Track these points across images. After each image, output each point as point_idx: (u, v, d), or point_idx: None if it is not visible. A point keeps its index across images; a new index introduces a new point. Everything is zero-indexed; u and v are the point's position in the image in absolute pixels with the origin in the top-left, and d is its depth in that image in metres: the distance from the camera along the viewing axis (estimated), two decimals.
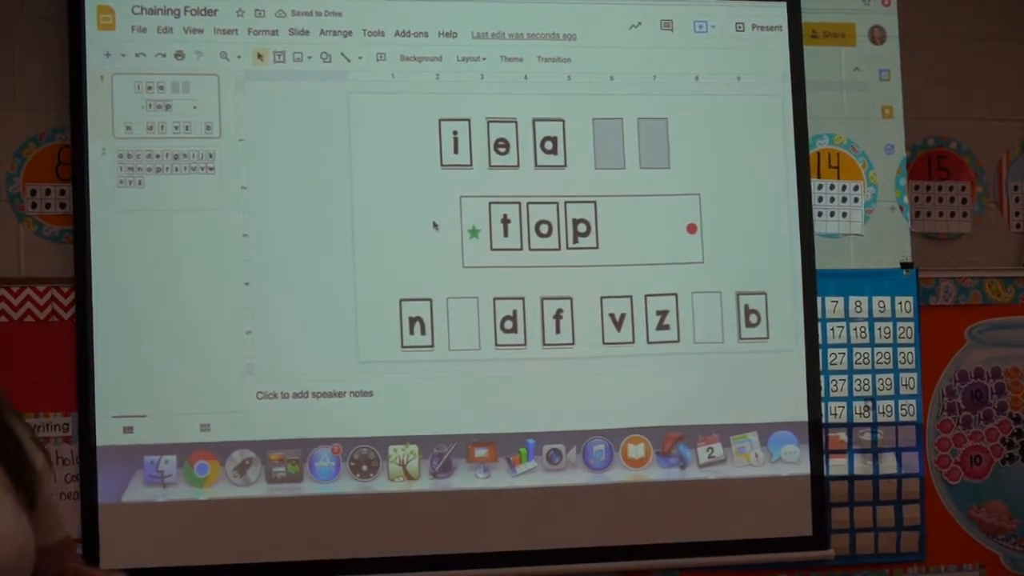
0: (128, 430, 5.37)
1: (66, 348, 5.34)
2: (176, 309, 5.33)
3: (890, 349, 5.86)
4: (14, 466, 2.69)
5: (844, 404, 5.81)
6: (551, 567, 5.59)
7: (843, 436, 5.79)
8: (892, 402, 5.84)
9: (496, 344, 5.52)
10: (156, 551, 5.39)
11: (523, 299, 5.52)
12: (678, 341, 5.61)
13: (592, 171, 5.62)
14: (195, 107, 5.39)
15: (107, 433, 5.28)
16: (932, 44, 6.16)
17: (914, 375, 5.88)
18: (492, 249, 5.52)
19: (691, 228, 5.65)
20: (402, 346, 5.43)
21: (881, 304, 5.86)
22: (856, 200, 5.91)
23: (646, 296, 5.60)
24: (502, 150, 5.56)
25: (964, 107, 6.19)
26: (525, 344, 5.52)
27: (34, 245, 5.38)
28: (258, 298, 5.40)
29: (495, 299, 5.52)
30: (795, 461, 5.68)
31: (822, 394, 5.77)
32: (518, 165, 5.56)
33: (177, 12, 5.38)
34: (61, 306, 5.35)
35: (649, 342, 5.59)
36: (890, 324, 5.87)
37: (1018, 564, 6.02)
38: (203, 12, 5.39)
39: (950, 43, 6.17)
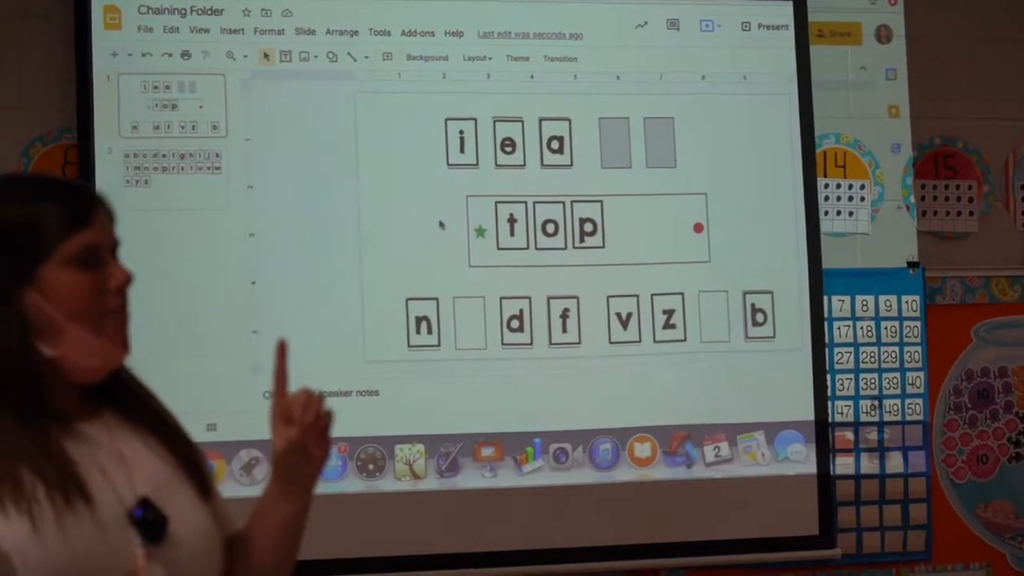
0: None
1: None
2: (182, 308, 5.34)
3: (896, 348, 5.88)
4: (188, 458, 2.72)
5: (851, 403, 5.83)
6: (558, 566, 5.62)
7: (849, 435, 5.81)
8: (899, 401, 5.86)
9: (502, 343, 5.53)
10: None
11: (529, 298, 5.54)
12: (684, 340, 5.61)
13: (598, 170, 5.63)
14: (201, 107, 5.41)
15: None
16: (938, 43, 6.18)
17: (920, 374, 5.90)
18: (498, 248, 5.54)
19: (698, 227, 5.66)
20: (408, 346, 5.45)
21: (887, 303, 5.88)
22: (862, 199, 5.93)
23: (652, 295, 5.61)
24: (508, 149, 5.56)
25: (970, 106, 6.22)
26: (531, 343, 5.53)
27: None
28: (264, 297, 5.42)
29: (501, 298, 5.53)
30: (801, 460, 5.69)
31: (828, 393, 5.76)
32: (524, 164, 5.58)
33: (183, 12, 5.40)
34: None
35: (655, 341, 5.60)
36: (896, 323, 5.89)
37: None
38: (209, 12, 5.42)
39: (956, 43, 6.19)
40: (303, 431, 2.70)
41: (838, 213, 5.85)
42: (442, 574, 5.58)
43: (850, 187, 5.91)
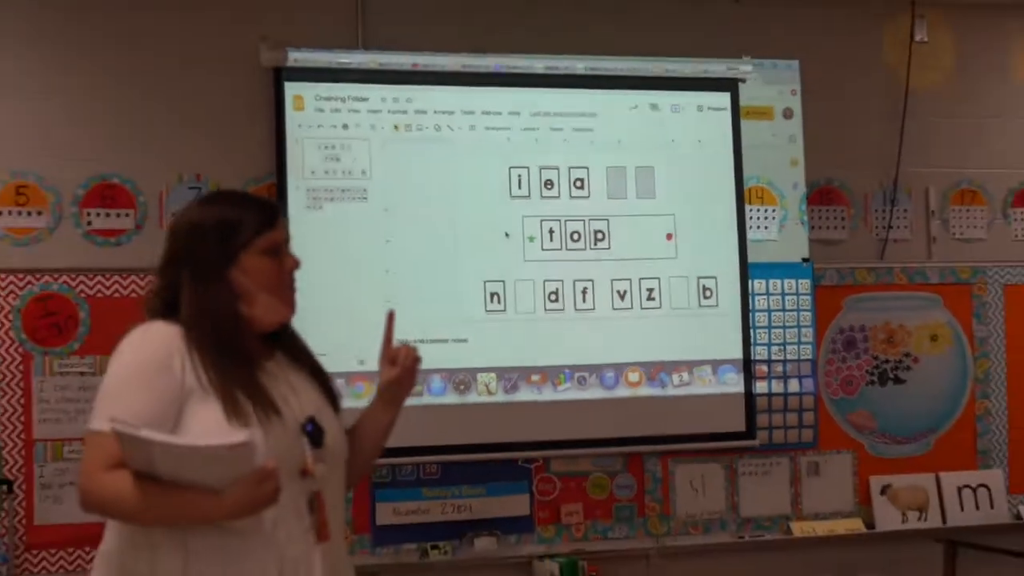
0: None
1: None
2: (343, 285, 5.44)
3: (795, 313, 6.01)
4: (326, 386, 2.81)
5: (765, 348, 5.97)
6: (578, 450, 5.82)
7: (764, 368, 5.96)
8: (796, 347, 6.00)
9: (545, 309, 5.71)
10: None
11: (562, 281, 5.73)
12: (660, 307, 5.82)
13: (606, 200, 5.81)
14: (355, 159, 5.57)
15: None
16: (822, 119, 6.12)
17: (810, 329, 6.01)
18: (543, 250, 5.74)
19: (668, 236, 5.85)
20: (485, 310, 5.65)
21: (789, 284, 6.02)
22: (773, 218, 6.05)
23: (640, 279, 5.81)
24: (549, 187, 5.76)
25: (842, 159, 6.25)
26: (563, 309, 5.74)
27: None
28: (394, 280, 5.54)
29: (544, 281, 5.71)
30: (734, 384, 5.88)
31: (751, 341, 5.94)
32: (559, 196, 5.77)
33: (343, 99, 5.57)
34: None
35: (642, 308, 5.82)
36: (795, 297, 6.01)
37: (876, 449, 6.16)
38: (360, 99, 5.58)
39: (833, 118, 6.15)
40: (401, 371, 2.87)
41: (758, 227, 5.99)
42: (505, 456, 5.74)
43: (766, 211, 6.02)
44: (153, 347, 2.53)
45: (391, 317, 2.90)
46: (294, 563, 2.51)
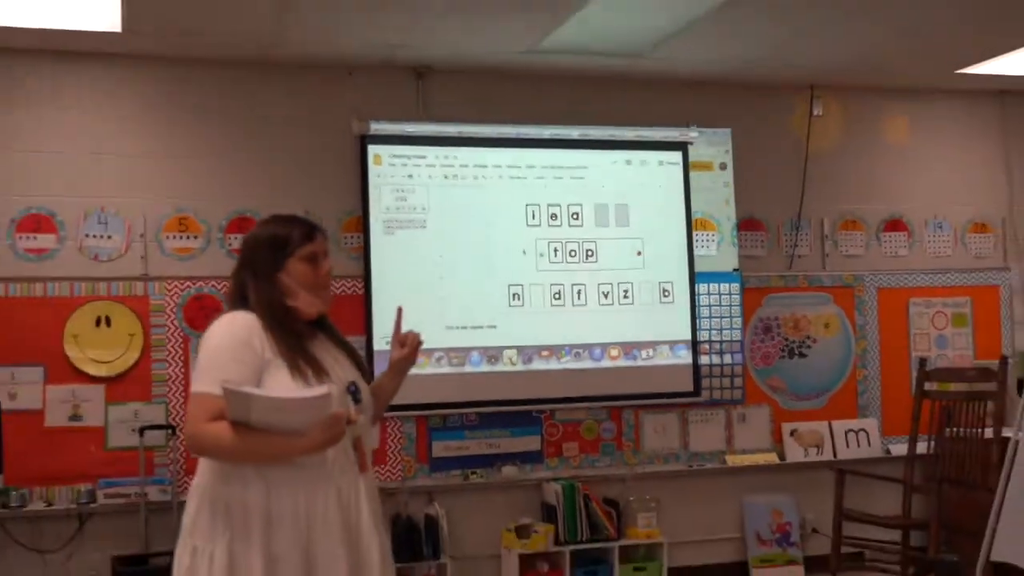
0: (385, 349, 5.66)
1: (360, 305, 5.47)
2: (410, 287, 5.42)
3: (728, 307, 6.04)
4: (357, 360, 2.68)
5: (707, 332, 5.99)
6: (574, 404, 5.83)
7: (707, 346, 5.99)
8: (729, 331, 6.03)
9: (551, 305, 5.74)
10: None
11: (563, 285, 5.75)
12: (632, 303, 5.85)
13: (594, 227, 5.84)
14: (417, 200, 5.60)
15: (380, 343, 5.32)
16: (747, 170, 6.12)
17: (739, 319, 6.05)
18: (549, 263, 5.76)
19: (638, 253, 5.88)
20: (509, 305, 5.68)
21: (724, 287, 6.04)
22: (713, 241, 6.05)
23: (618, 283, 5.84)
24: (554, 218, 5.79)
25: (762, 199, 6.22)
26: (564, 305, 5.75)
27: (347, 261, 5.49)
28: (445, 284, 5.58)
29: (550, 284, 5.74)
30: (685, 358, 5.93)
31: (697, 327, 5.96)
32: (561, 225, 5.80)
33: (408, 157, 5.59)
34: (357, 285, 5.52)
35: (619, 304, 5.84)
36: (728, 296, 6.04)
37: (786, 404, 6.19)
38: (420, 157, 5.61)
39: (755, 170, 6.16)
40: (408, 351, 2.73)
41: (702, 247, 6.01)
42: (523, 408, 5.74)
43: (708, 235, 6.03)
44: (239, 330, 2.47)
45: (399, 311, 2.80)
46: (346, 488, 2.47)
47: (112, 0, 4.49)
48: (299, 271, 2.55)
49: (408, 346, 2.72)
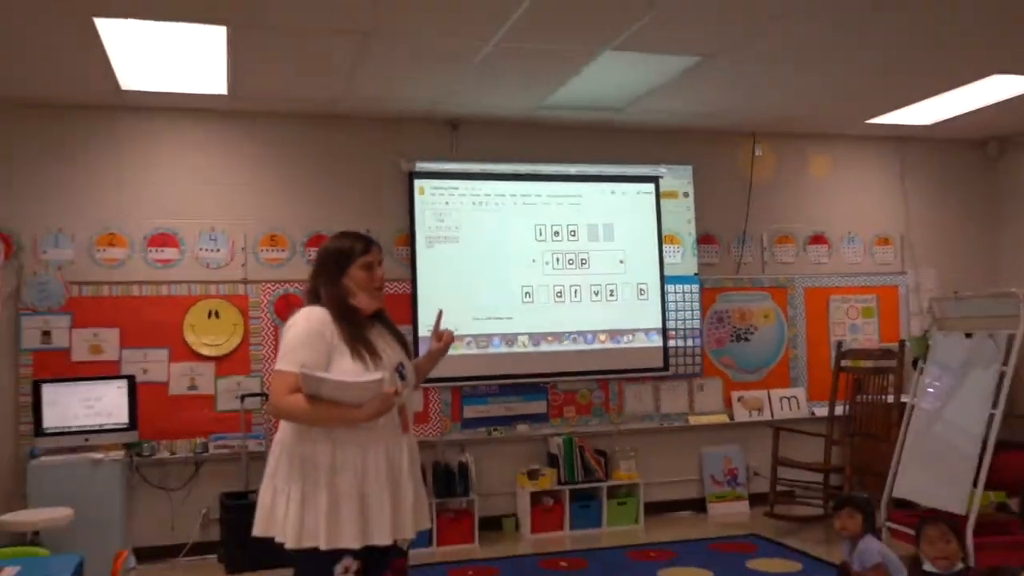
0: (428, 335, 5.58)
1: (408, 302, 5.42)
2: (446, 289, 5.40)
3: (690, 303, 5.99)
4: (404, 344, 2.63)
5: (674, 321, 5.93)
6: (572, 378, 5.75)
7: (673, 333, 5.91)
8: (690, 321, 5.99)
9: (554, 301, 5.69)
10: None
11: (564, 286, 5.71)
12: (617, 300, 5.78)
13: (587, 242, 5.78)
14: (452, 221, 5.56)
15: (423, 330, 5.27)
16: (705, 198, 6.10)
17: (699, 312, 6.00)
18: (553, 269, 5.71)
19: (621, 262, 5.83)
20: (522, 302, 5.62)
21: (687, 288, 5.99)
22: (679, 252, 6.02)
23: (606, 285, 5.79)
24: (556, 235, 5.74)
25: (708, 220, 6.16)
26: (564, 302, 5.70)
27: (393, 267, 5.31)
28: (473, 286, 5.53)
29: (553, 285, 5.69)
30: (657, 342, 5.85)
31: (666, 318, 5.87)
32: (562, 240, 5.74)
33: (445, 188, 5.54)
34: (406, 286, 5.45)
35: (607, 300, 5.78)
36: (690, 294, 5.99)
37: (735, 377, 6.13)
38: (454, 188, 5.57)
39: (711, 198, 6.13)
40: (443, 344, 2.65)
41: (670, 256, 5.95)
42: (533, 380, 5.66)
43: (674, 248, 5.99)
44: (313, 322, 2.43)
45: (440, 314, 2.73)
46: (392, 445, 2.45)
47: (220, 72, 4.60)
48: (358, 276, 2.50)
49: (443, 341, 2.67)
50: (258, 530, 2.44)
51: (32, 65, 4.36)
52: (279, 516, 2.39)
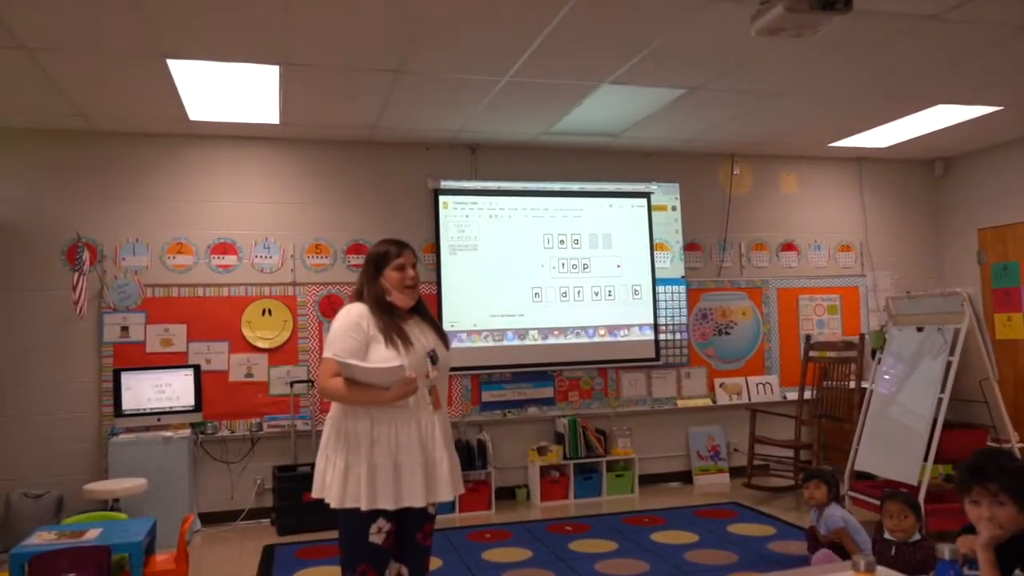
0: (451, 331, 5.36)
1: (435, 302, 5.33)
2: (466, 290, 5.41)
3: (677, 302, 5.94)
4: (441, 334, 2.56)
5: (664, 318, 5.90)
6: (576, 366, 5.69)
7: (664, 328, 5.88)
8: (678, 318, 5.95)
9: (560, 300, 5.64)
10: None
11: (568, 287, 5.66)
12: (615, 300, 5.74)
13: (589, 249, 5.74)
14: (472, 231, 5.53)
15: (447, 326, 5.24)
16: (690, 211, 6.01)
17: (685, 310, 5.96)
18: (559, 272, 5.67)
19: (619, 266, 5.80)
20: (532, 301, 5.58)
21: (675, 289, 5.95)
22: (668, 258, 5.97)
23: (605, 286, 5.74)
24: (562, 243, 5.70)
25: (700, 229, 6.11)
26: (569, 301, 5.65)
27: (425, 273, 5.18)
28: (490, 288, 5.49)
29: (559, 286, 5.64)
30: (650, 335, 5.81)
31: (657, 315, 5.82)
32: (567, 247, 5.70)
33: (465, 203, 5.51)
34: (432, 288, 5.36)
35: (606, 300, 5.73)
36: (678, 295, 5.95)
37: (717, 366, 6.08)
38: (473, 203, 5.53)
39: (696, 210, 6.03)
40: (409, 384, 2.35)
41: (660, 262, 5.90)
42: (542, 369, 5.55)
43: (664, 254, 5.94)
44: (353, 316, 2.42)
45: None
46: (424, 421, 2.42)
47: (273, 104, 4.63)
48: (392, 276, 2.49)
49: (411, 380, 2.44)
50: (315, 493, 2.46)
51: (114, 100, 4.43)
52: (328, 481, 2.40)
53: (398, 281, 2.49)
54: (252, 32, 3.48)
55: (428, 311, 2.62)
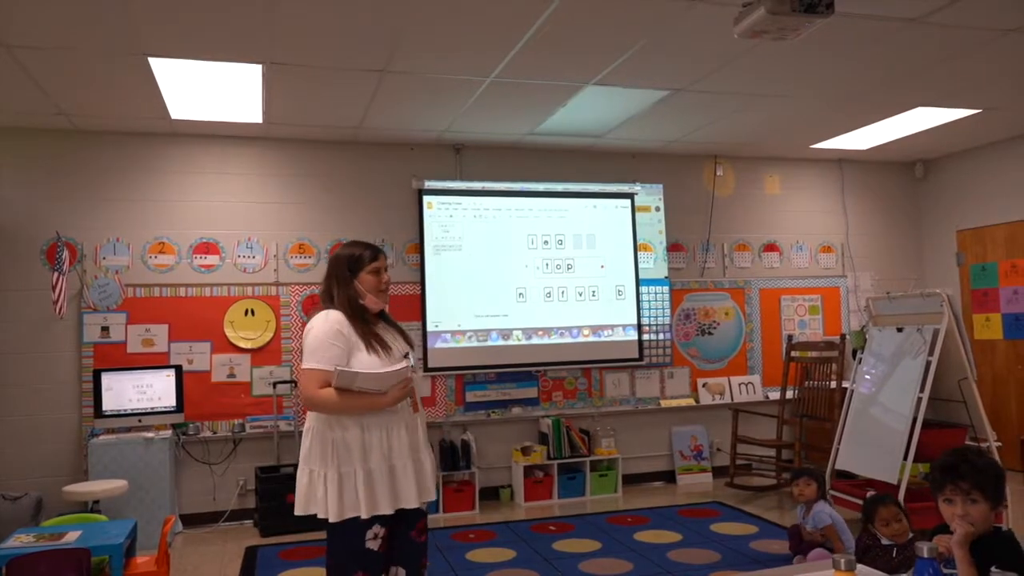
0: (435, 331, 5.39)
1: (418, 302, 5.37)
2: (450, 290, 5.38)
3: (661, 302, 5.94)
4: (408, 339, 2.55)
5: (648, 318, 5.89)
6: (560, 366, 5.66)
7: (647, 328, 5.88)
8: (661, 318, 5.96)
9: (544, 300, 5.63)
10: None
11: (552, 287, 5.65)
12: (598, 300, 5.73)
13: (573, 249, 5.72)
14: (456, 231, 5.50)
15: (431, 327, 5.33)
16: (674, 211, 6.03)
17: (668, 310, 5.97)
18: (543, 273, 5.65)
19: (602, 267, 5.79)
20: (516, 301, 5.56)
21: (658, 289, 5.93)
22: (651, 258, 5.96)
23: (589, 286, 5.73)
24: (546, 243, 5.68)
25: (683, 230, 6.14)
26: (553, 301, 5.64)
27: (405, 272, 5.40)
28: (475, 288, 5.47)
29: (544, 287, 5.63)
30: (633, 335, 5.80)
31: (641, 315, 5.82)
32: (551, 247, 5.69)
33: (450, 203, 5.48)
34: (416, 288, 5.38)
35: (590, 300, 5.72)
36: (661, 295, 5.94)
37: (700, 366, 6.09)
38: (457, 203, 5.50)
39: (679, 211, 6.02)
40: (406, 386, 2.38)
41: (644, 262, 5.89)
42: (526, 369, 5.56)
43: (648, 255, 5.93)
44: (332, 323, 2.37)
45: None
46: (410, 423, 2.42)
47: (256, 104, 4.60)
48: (368, 280, 2.46)
49: (405, 385, 2.46)
50: (299, 510, 2.39)
51: (95, 98, 4.39)
52: (319, 495, 2.35)
53: (374, 285, 2.47)
54: (235, 31, 3.46)
55: (389, 314, 2.60)
